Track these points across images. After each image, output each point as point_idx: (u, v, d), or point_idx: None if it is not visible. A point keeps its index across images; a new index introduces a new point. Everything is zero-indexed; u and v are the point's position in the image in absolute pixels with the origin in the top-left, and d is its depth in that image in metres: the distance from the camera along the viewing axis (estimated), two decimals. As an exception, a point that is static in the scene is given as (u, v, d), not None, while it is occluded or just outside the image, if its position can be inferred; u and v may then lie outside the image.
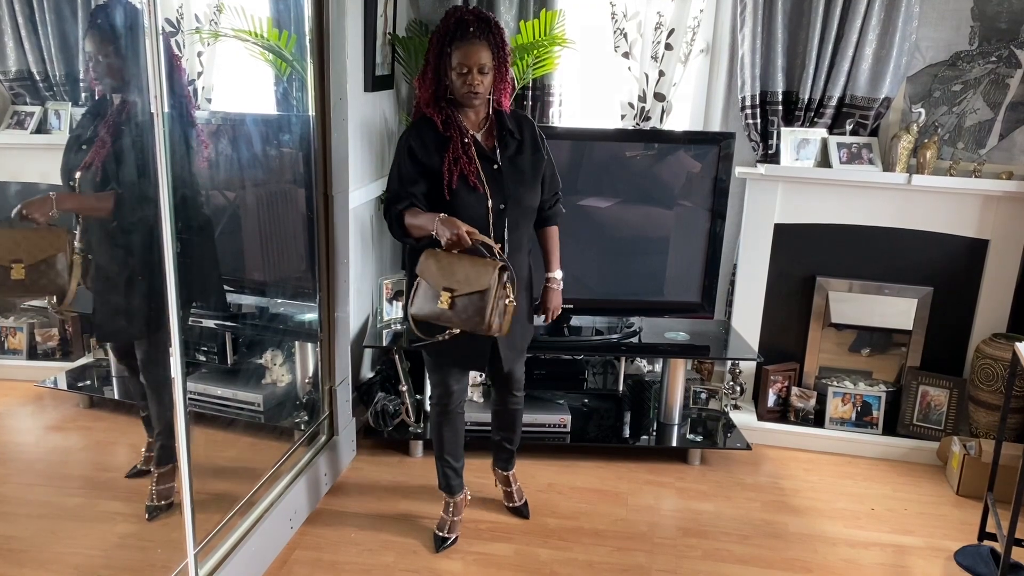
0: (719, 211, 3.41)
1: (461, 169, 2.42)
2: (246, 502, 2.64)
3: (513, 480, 3.06)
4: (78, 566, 2.39)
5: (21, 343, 2.61)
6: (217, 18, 2.90)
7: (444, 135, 2.45)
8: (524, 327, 2.71)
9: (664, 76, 3.69)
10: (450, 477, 2.86)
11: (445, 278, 2.32)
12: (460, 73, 2.38)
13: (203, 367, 3.17)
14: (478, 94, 2.40)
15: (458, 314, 2.32)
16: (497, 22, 2.45)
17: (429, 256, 2.37)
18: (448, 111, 2.46)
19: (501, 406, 2.89)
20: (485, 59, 2.38)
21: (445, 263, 2.33)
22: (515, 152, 2.52)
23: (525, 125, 2.58)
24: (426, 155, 2.46)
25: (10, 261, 2.02)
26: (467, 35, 2.36)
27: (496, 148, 2.50)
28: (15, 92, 2.37)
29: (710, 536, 2.98)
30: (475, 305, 2.29)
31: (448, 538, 2.85)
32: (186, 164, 2.41)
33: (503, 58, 2.45)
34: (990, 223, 3.55)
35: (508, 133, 2.52)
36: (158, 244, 2.12)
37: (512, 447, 2.99)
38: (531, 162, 2.54)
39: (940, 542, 3.02)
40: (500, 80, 2.48)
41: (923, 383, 3.66)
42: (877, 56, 3.50)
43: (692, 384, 3.77)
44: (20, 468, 2.53)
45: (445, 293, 2.30)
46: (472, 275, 2.30)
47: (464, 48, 2.36)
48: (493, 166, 2.48)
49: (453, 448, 2.84)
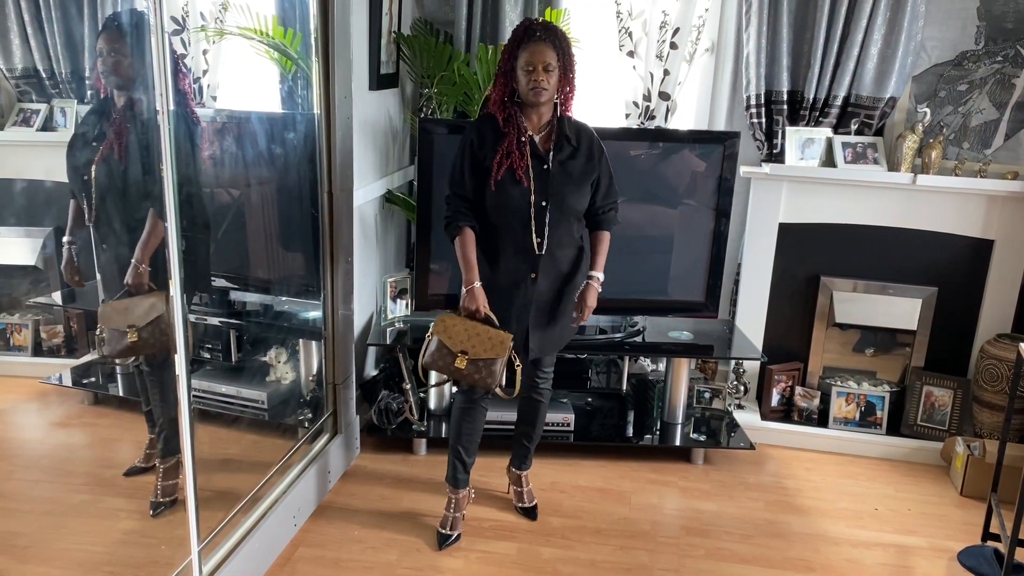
0: (723, 210, 3.41)
1: (511, 164, 2.56)
2: (250, 499, 2.65)
3: (526, 481, 3.08)
4: (82, 562, 2.40)
5: (27, 340, 2.62)
6: (223, 16, 2.90)
7: (502, 131, 2.59)
8: (564, 324, 2.77)
9: (669, 75, 3.69)
10: (458, 470, 2.88)
11: (463, 343, 2.59)
12: (526, 71, 2.51)
13: (208, 364, 3.18)
14: (543, 90, 2.51)
15: (470, 372, 2.61)
16: (563, 32, 2.59)
17: (446, 321, 2.63)
18: (512, 110, 2.59)
19: (526, 395, 2.92)
20: (550, 58, 2.50)
21: (462, 330, 2.60)
22: (568, 156, 2.62)
23: (584, 133, 2.67)
24: (481, 148, 2.61)
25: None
26: (534, 37, 2.51)
27: (551, 150, 2.60)
28: (21, 90, 2.38)
29: (713, 535, 2.98)
30: (488, 368, 2.60)
31: (450, 535, 2.86)
32: (190, 162, 2.42)
33: (568, 62, 2.57)
34: (995, 223, 3.54)
35: (565, 139, 2.62)
36: (164, 240, 2.13)
37: (530, 444, 3.02)
38: (582, 169, 2.64)
39: (943, 542, 3.01)
40: (565, 84, 2.58)
41: (927, 383, 3.66)
42: (882, 55, 3.49)
43: (696, 383, 3.77)
44: (25, 464, 2.54)
45: (462, 356, 2.58)
46: (487, 344, 2.59)
47: (531, 48, 2.50)
48: (543, 166, 2.59)
49: (468, 441, 2.87)
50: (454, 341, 2.60)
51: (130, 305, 2.31)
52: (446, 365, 2.62)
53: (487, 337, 2.59)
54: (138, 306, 2.30)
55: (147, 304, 2.30)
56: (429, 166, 3.25)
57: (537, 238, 2.60)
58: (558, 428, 3.50)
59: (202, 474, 2.31)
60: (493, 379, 2.61)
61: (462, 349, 2.59)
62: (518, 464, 3.06)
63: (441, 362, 2.63)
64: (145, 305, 2.30)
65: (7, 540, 2.34)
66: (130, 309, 2.30)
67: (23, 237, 2.46)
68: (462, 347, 2.59)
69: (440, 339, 2.62)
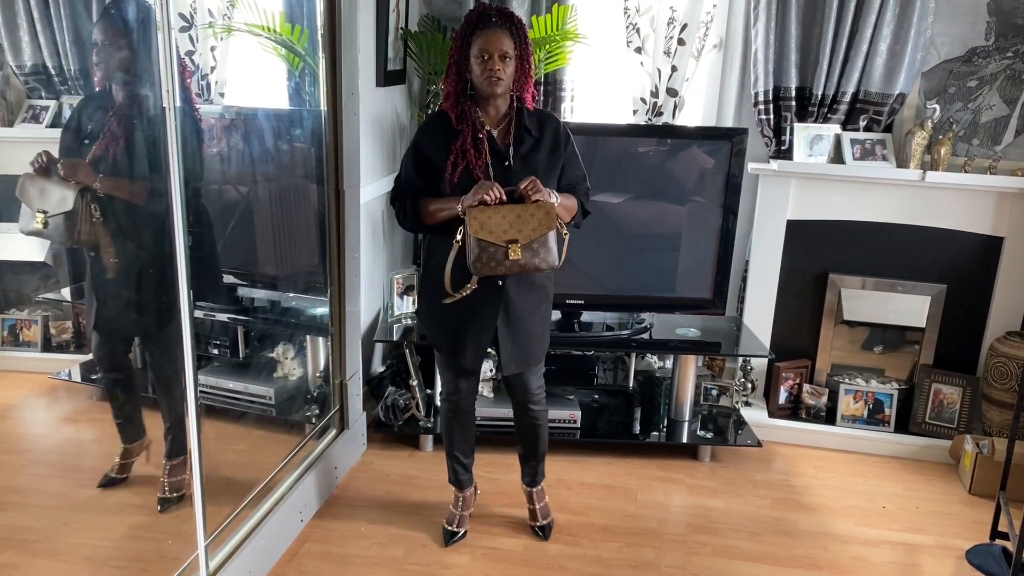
0: (731, 207, 3.40)
1: (467, 163, 2.42)
2: (257, 495, 2.66)
3: (537, 498, 2.91)
4: (90, 556, 2.41)
5: (36, 335, 2.63)
6: (230, 13, 2.91)
7: (455, 129, 2.45)
8: (538, 336, 2.64)
9: (677, 71, 3.68)
10: (459, 472, 2.87)
11: (507, 232, 2.33)
12: (481, 60, 2.37)
13: (215, 360, 3.19)
14: (499, 80, 2.37)
15: (528, 259, 2.37)
16: (519, 17, 2.45)
17: (478, 217, 2.34)
18: (466, 106, 2.45)
19: (517, 419, 2.81)
20: (506, 46, 2.37)
21: (500, 218, 2.34)
22: (530, 149, 2.49)
23: (548, 123, 2.54)
24: (433, 149, 2.47)
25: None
26: (488, 24, 2.38)
27: (511, 145, 2.48)
28: (30, 86, 2.39)
29: (720, 533, 2.98)
30: (544, 246, 2.37)
31: (457, 532, 2.86)
32: (197, 158, 2.43)
33: (525, 51, 2.43)
34: (1005, 220, 3.52)
35: (525, 130, 2.48)
36: (169, 237, 2.14)
37: (535, 463, 2.86)
38: (546, 161, 2.50)
39: (952, 541, 3.00)
40: (522, 74, 2.44)
41: (936, 381, 3.64)
42: (892, 51, 3.47)
43: (703, 381, 3.76)
44: (34, 459, 2.55)
45: (513, 245, 2.33)
46: (533, 222, 2.34)
47: (485, 35, 2.36)
48: (504, 162, 2.46)
49: (463, 445, 2.83)
50: (496, 234, 2.33)
51: (46, 187, 2.19)
52: (499, 263, 2.34)
53: (529, 215, 2.34)
54: (54, 192, 2.19)
55: (60, 195, 2.19)
56: (436, 163, 3.24)
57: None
58: (564, 425, 3.50)
59: (209, 470, 2.32)
60: (553, 256, 2.38)
61: (510, 239, 2.33)
62: (528, 481, 2.90)
63: (493, 262, 2.34)
64: (58, 195, 2.19)
65: (16, 534, 2.36)
66: (46, 192, 2.20)
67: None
68: (508, 236, 2.33)
69: (479, 238, 2.33)
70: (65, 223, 2.23)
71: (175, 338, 2.26)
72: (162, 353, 2.56)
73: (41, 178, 2.21)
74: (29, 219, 2.27)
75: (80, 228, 2.22)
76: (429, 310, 2.64)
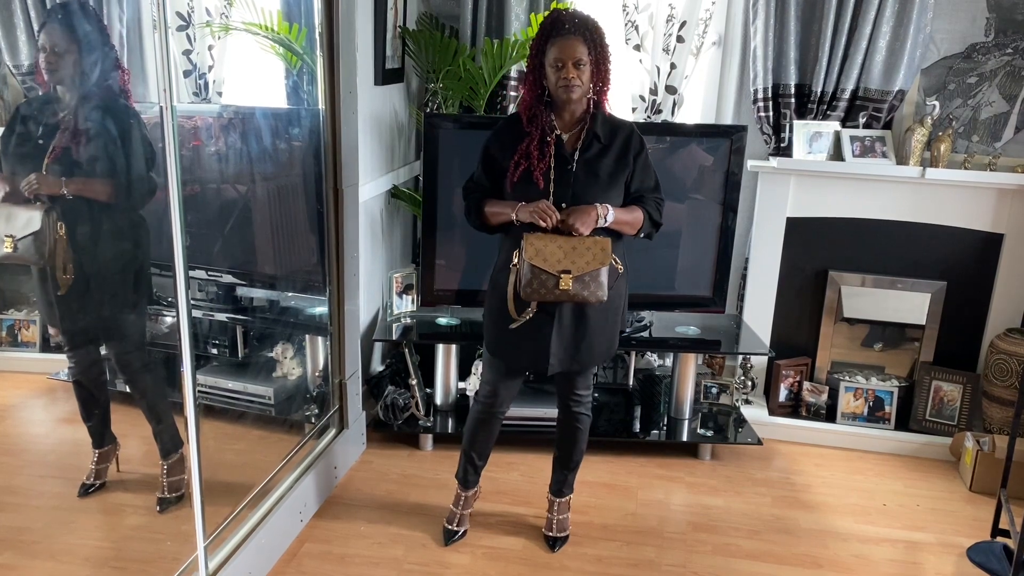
0: (731, 204, 3.39)
1: (529, 165, 2.43)
2: (256, 495, 2.65)
3: (559, 510, 2.87)
4: (89, 557, 2.41)
5: (34, 336, 2.63)
6: (228, 12, 2.90)
7: (526, 131, 2.47)
8: (592, 341, 2.58)
9: (676, 69, 3.67)
10: (468, 472, 2.84)
11: (560, 261, 2.38)
12: (555, 68, 2.36)
13: (214, 360, 3.18)
14: (573, 87, 2.36)
15: (577, 291, 2.40)
16: (596, 22, 2.44)
17: (535, 244, 2.39)
18: (538, 109, 2.46)
19: (559, 416, 2.79)
20: (580, 53, 2.35)
21: (555, 248, 2.39)
22: (596, 155, 2.46)
23: (620, 131, 2.50)
24: (500, 150, 2.51)
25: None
26: (563, 31, 2.36)
27: (577, 149, 2.46)
28: (27, 86, 2.38)
29: (720, 531, 2.98)
30: (595, 280, 2.40)
31: (457, 531, 2.85)
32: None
33: (602, 56, 2.41)
34: (1005, 217, 3.51)
35: (595, 136, 2.46)
36: (166, 236, 2.13)
37: (568, 471, 2.82)
38: (611, 168, 2.47)
39: (952, 538, 3.00)
40: (598, 79, 2.43)
41: (936, 378, 3.64)
42: (891, 48, 3.46)
43: (703, 379, 3.76)
44: (32, 460, 2.55)
45: (565, 275, 2.37)
46: (588, 256, 2.38)
47: (559, 42, 2.35)
48: (568, 166, 2.45)
49: (482, 447, 2.79)
50: (551, 262, 2.37)
51: (12, 213, 2.21)
52: (548, 290, 2.39)
53: (585, 248, 2.38)
54: (19, 216, 2.20)
55: (26, 216, 2.20)
56: (435, 161, 3.24)
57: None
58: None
59: (208, 470, 2.31)
60: (603, 291, 2.41)
61: (563, 269, 2.38)
62: (556, 490, 2.86)
63: (543, 289, 2.39)
64: (24, 217, 2.20)
65: (15, 535, 2.36)
66: (12, 217, 2.21)
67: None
68: (561, 267, 2.37)
69: (533, 264, 2.37)
70: (35, 243, 2.23)
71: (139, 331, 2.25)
72: (128, 348, 2.54)
73: (4, 204, 2.23)
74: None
75: (49, 246, 2.22)
76: (489, 315, 2.64)
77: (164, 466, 2.57)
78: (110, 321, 2.49)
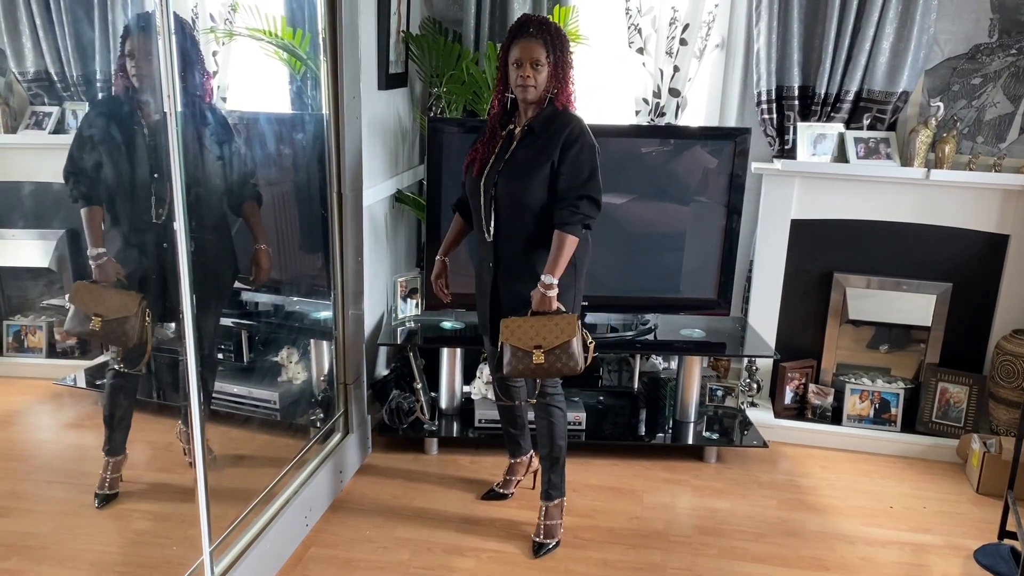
0: (735, 207, 3.39)
1: (476, 156, 2.66)
2: (262, 499, 2.65)
3: (546, 515, 2.85)
4: (95, 562, 2.41)
5: (41, 341, 2.63)
6: (232, 17, 2.91)
7: (488, 128, 2.68)
8: None
9: (679, 71, 3.67)
10: (506, 440, 3.10)
11: (532, 338, 2.57)
12: (515, 67, 2.53)
13: (220, 365, 3.18)
14: (528, 87, 2.52)
15: (551, 363, 2.57)
16: (559, 28, 2.58)
17: (510, 325, 2.60)
18: (501, 108, 2.66)
19: (535, 410, 2.83)
20: (539, 55, 2.50)
21: (528, 327, 2.58)
22: (524, 147, 2.59)
23: (558, 126, 2.55)
24: (471, 147, 2.75)
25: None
26: (526, 33, 2.52)
27: (515, 141, 2.62)
28: (33, 92, 2.39)
29: (726, 534, 2.97)
30: (566, 352, 2.56)
31: (495, 491, 3.11)
32: (199, 162, 2.42)
33: (561, 59, 2.55)
34: (1010, 218, 3.50)
35: (529, 130, 2.59)
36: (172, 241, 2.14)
37: (547, 471, 2.84)
38: (531, 157, 2.56)
39: (959, 540, 2.99)
40: (556, 80, 2.56)
41: (942, 380, 3.63)
42: (895, 50, 3.46)
43: (708, 381, 3.75)
44: (39, 465, 2.56)
45: (537, 351, 2.55)
46: (556, 331, 2.55)
47: (521, 43, 2.52)
48: (505, 156, 2.61)
49: (510, 422, 3.04)
50: (524, 340, 2.57)
51: (104, 294, 2.29)
52: (526, 367, 2.58)
53: (554, 324, 2.56)
54: (111, 298, 2.28)
55: (120, 300, 2.28)
56: (438, 165, 3.25)
57: (487, 226, 2.64)
58: (569, 427, 3.48)
59: (214, 474, 2.32)
60: (575, 361, 2.56)
61: (535, 344, 2.56)
62: (543, 493, 2.88)
63: (521, 365, 2.59)
64: (117, 300, 2.28)
65: (22, 540, 2.36)
66: (103, 298, 2.28)
67: (36, 239, 2.47)
68: (534, 343, 2.56)
69: (511, 345, 2.58)
70: (123, 326, 2.30)
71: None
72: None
73: (99, 286, 2.29)
74: (81, 320, 2.33)
75: (137, 331, 2.30)
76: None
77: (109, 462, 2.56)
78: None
